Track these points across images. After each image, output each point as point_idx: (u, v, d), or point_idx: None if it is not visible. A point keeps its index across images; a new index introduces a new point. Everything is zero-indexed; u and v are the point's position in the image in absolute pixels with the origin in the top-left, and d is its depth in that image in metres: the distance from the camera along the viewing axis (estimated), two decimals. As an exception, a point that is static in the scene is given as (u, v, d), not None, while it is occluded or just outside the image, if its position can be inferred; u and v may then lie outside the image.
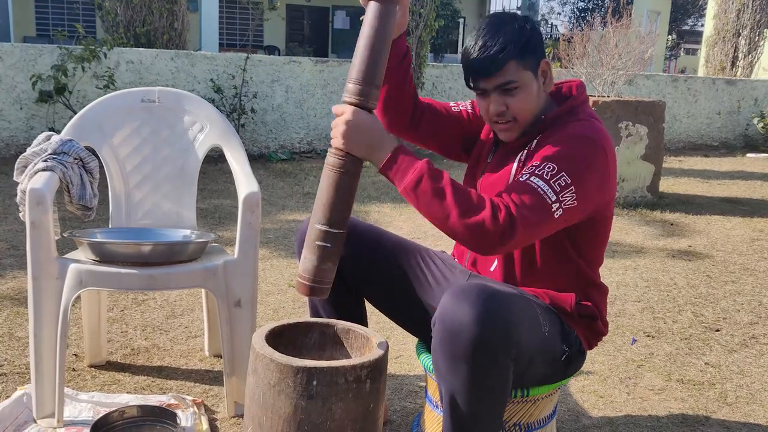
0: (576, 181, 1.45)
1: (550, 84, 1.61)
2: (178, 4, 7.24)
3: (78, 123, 2.24)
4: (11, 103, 6.25)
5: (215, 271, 2.00)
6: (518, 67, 1.53)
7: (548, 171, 1.44)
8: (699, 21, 23.22)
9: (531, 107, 1.58)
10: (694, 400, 2.33)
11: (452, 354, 1.35)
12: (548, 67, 1.59)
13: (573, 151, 1.48)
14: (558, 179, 1.43)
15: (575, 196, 1.44)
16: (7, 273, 3.23)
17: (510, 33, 1.52)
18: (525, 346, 1.42)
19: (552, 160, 1.46)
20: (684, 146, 9.85)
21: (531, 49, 1.54)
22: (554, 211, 1.42)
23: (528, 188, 1.42)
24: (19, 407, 2.02)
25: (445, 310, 1.36)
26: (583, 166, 1.47)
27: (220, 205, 4.88)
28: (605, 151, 1.52)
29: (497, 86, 1.55)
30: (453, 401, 1.40)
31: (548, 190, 1.42)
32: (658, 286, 3.55)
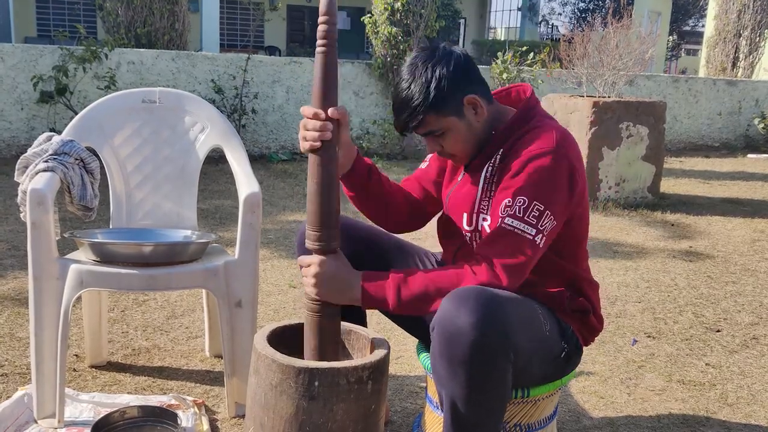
0: (549, 204, 1.49)
1: (483, 111, 1.59)
2: (179, 4, 7.24)
3: (79, 123, 2.24)
4: (12, 103, 6.25)
5: (216, 272, 2.00)
6: (437, 118, 1.57)
7: (520, 207, 1.48)
8: (700, 22, 23.22)
9: (465, 143, 1.61)
10: (695, 401, 2.33)
11: (451, 358, 1.35)
12: (476, 100, 1.58)
13: (535, 173, 1.50)
14: (531, 211, 1.47)
15: (552, 217, 1.49)
16: (8, 273, 3.23)
17: (420, 88, 1.53)
18: (524, 347, 1.42)
19: (519, 193, 1.49)
20: (685, 147, 9.85)
21: (445, 98, 1.54)
22: (538, 243, 1.48)
23: (507, 234, 1.47)
24: (20, 407, 2.02)
25: (443, 315, 1.36)
26: (549, 185, 1.50)
27: (220, 206, 4.88)
28: (566, 156, 1.53)
29: (425, 134, 1.61)
30: (454, 405, 1.40)
31: (526, 227, 1.47)
32: (659, 286, 3.55)
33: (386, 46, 7.50)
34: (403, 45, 7.43)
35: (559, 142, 1.53)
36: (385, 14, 7.44)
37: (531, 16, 20.69)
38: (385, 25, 7.46)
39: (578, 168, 1.55)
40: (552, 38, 22.04)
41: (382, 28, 7.47)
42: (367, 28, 7.70)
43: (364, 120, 7.69)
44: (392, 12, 7.41)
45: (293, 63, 7.34)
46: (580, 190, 1.58)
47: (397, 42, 7.44)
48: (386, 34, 7.44)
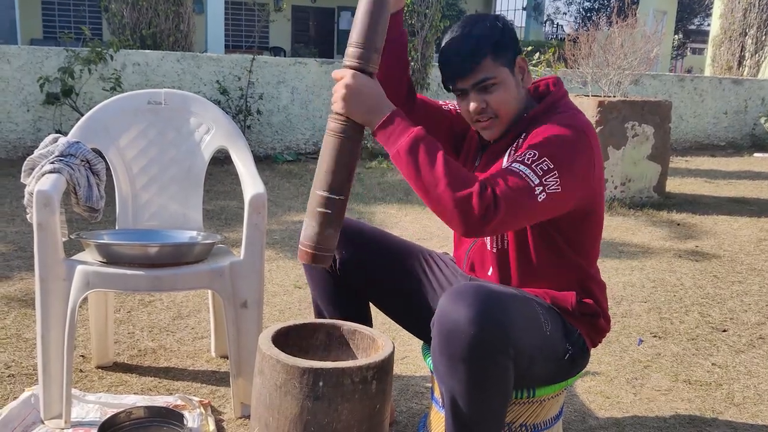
0: (559, 166, 1.44)
1: (528, 80, 1.62)
2: (184, 6, 7.27)
3: (85, 125, 2.25)
4: (18, 105, 6.28)
5: (221, 272, 2.00)
6: (494, 64, 1.55)
7: (530, 157, 1.45)
8: (705, 20, 23.14)
9: (511, 102, 1.59)
10: (702, 401, 2.32)
11: (450, 355, 1.35)
12: (525, 64, 1.60)
13: (555, 138, 1.48)
14: (540, 164, 1.43)
15: (559, 181, 1.43)
16: (14, 275, 3.24)
17: (482, 30, 1.54)
18: (525, 345, 1.42)
19: (534, 148, 1.46)
20: (691, 146, 9.82)
21: (504, 45, 1.55)
22: (537, 194, 1.41)
23: (510, 172, 1.42)
24: (27, 408, 2.03)
25: (442, 312, 1.37)
26: (566, 151, 1.47)
27: (226, 207, 4.89)
28: (589, 138, 1.52)
29: (475, 84, 1.56)
30: (454, 402, 1.40)
31: (530, 173, 1.42)
32: (665, 286, 3.54)
33: (391, 47, 7.49)
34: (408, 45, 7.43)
35: (586, 127, 1.53)
36: (390, 14, 7.43)
37: (536, 16, 20.66)
38: (389, 25, 7.45)
39: (596, 158, 1.54)
40: (557, 38, 22.00)
41: (387, 28, 7.47)
42: (372, 28, 7.69)
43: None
44: (397, 12, 7.40)
45: (298, 64, 7.34)
46: (595, 181, 1.55)
47: (401, 42, 7.43)
48: (391, 34, 7.43)
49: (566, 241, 1.59)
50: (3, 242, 3.75)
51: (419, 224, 4.62)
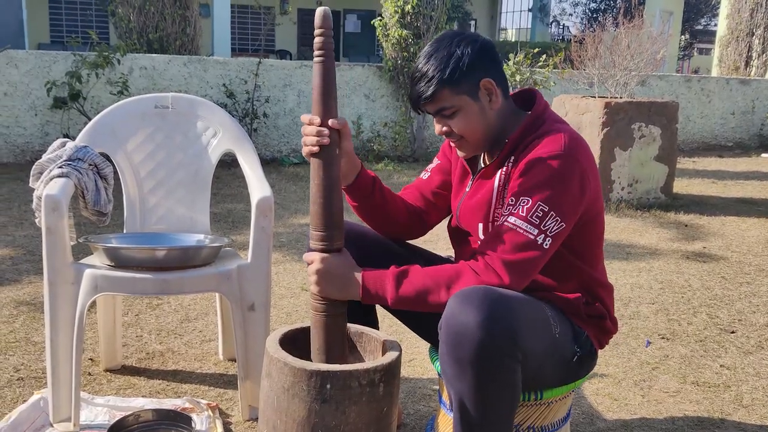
0: (555, 206, 1.47)
1: (498, 100, 1.60)
2: (191, 9, 7.29)
3: (92, 129, 2.26)
4: (26, 109, 6.31)
5: (229, 275, 2.01)
6: (451, 94, 1.56)
7: (523, 207, 1.48)
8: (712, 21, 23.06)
9: (475, 127, 1.60)
10: (710, 403, 2.32)
11: (458, 358, 1.35)
12: (492, 85, 1.58)
13: (541, 176, 1.50)
14: (535, 212, 1.47)
15: (558, 219, 1.48)
16: (23, 278, 3.26)
17: (440, 62, 1.55)
18: (533, 348, 1.42)
19: (524, 194, 1.49)
20: (698, 147, 9.79)
21: (461, 74, 1.54)
22: (541, 244, 1.46)
23: (507, 232, 1.47)
24: (36, 411, 2.04)
25: (450, 314, 1.37)
26: (556, 187, 1.49)
27: (233, 210, 4.90)
28: (576, 158, 1.52)
29: (436, 111, 1.60)
30: (462, 405, 1.40)
31: (528, 226, 1.46)
32: (673, 287, 3.53)
33: (397, 49, 7.51)
34: (413, 47, 7.44)
35: (568, 145, 1.52)
36: (396, 17, 7.45)
37: (542, 17, 20.62)
38: (395, 27, 7.47)
39: (588, 171, 1.54)
40: (563, 39, 21.96)
41: (393, 30, 7.48)
42: (378, 31, 7.72)
43: (374, 123, 7.71)
44: (402, 15, 7.42)
45: (304, 67, 7.36)
46: (592, 193, 1.57)
47: (407, 45, 7.45)
48: (397, 36, 7.45)
49: (568, 249, 1.59)
50: (12, 246, 3.77)
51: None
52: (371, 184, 1.73)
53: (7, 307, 2.90)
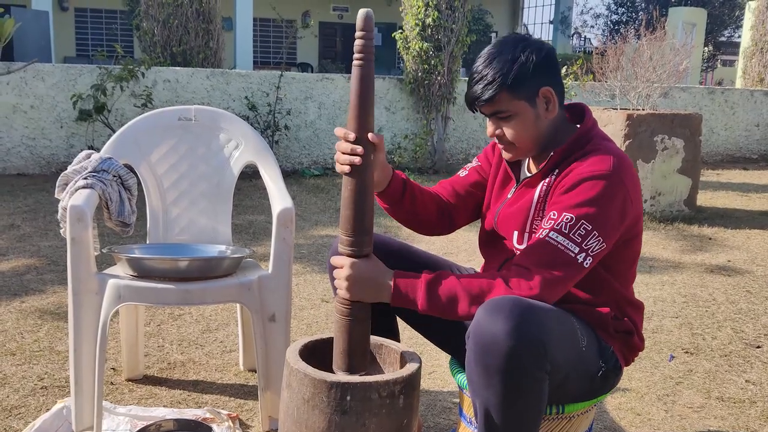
0: (597, 226, 1.47)
1: (554, 109, 1.60)
2: (214, 23, 7.37)
3: (117, 141, 2.30)
4: (52, 121, 6.41)
5: (250, 286, 2.02)
6: (510, 98, 1.56)
7: (566, 223, 1.47)
8: (736, 32, 22.85)
9: (528, 134, 1.60)
10: (735, 419, 2.28)
11: (486, 367, 1.35)
12: (551, 94, 1.59)
13: (587, 194, 1.49)
14: (577, 229, 1.46)
15: (601, 239, 1.48)
16: (47, 288, 3.30)
17: (501, 65, 1.54)
18: (560, 360, 1.41)
19: (568, 210, 1.49)
20: (722, 159, 9.68)
21: (524, 80, 1.54)
22: (581, 262, 1.46)
23: (547, 245, 1.47)
24: (59, 420, 2.06)
25: (478, 324, 1.36)
26: (600, 207, 1.48)
27: (254, 221, 4.93)
28: (621, 179, 1.52)
29: (491, 115, 1.60)
30: (487, 415, 1.39)
31: (569, 243, 1.46)
32: (697, 301, 3.49)
33: (417, 62, 7.53)
34: (434, 60, 7.46)
35: (615, 166, 1.52)
36: (416, 30, 7.47)
37: (563, 29, 20.58)
38: (416, 40, 7.49)
39: (632, 193, 1.54)
40: (585, 51, 21.88)
41: (413, 43, 7.51)
42: (399, 43, 7.74)
43: (395, 135, 7.72)
44: (423, 27, 7.44)
45: (325, 79, 7.40)
46: (635, 215, 1.57)
47: (428, 57, 7.47)
48: (417, 49, 7.47)
49: (604, 266, 1.59)
50: (37, 256, 3.82)
51: (445, 238, 4.61)
52: (401, 190, 1.74)
53: (32, 316, 2.93)
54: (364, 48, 1.42)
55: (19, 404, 2.18)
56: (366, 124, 1.46)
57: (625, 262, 1.64)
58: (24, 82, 6.26)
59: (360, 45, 1.43)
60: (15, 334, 2.73)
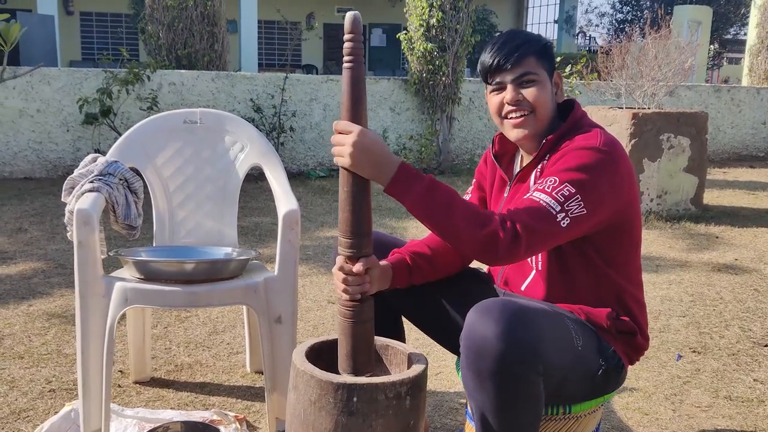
0: (580, 189, 1.47)
1: (561, 96, 1.68)
2: (219, 26, 7.39)
3: (123, 145, 2.30)
4: (58, 125, 6.44)
5: (256, 288, 2.02)
6: (537, 64, 1.61)
7: (550, 184, 1.48)
8: (742, 30, 22.77)
9: (546, 103, 1.63)
10: (743, 418, 2.27)
11: (478, 371, 1.35)
12: (560, 80, 1.67)
13: (574, 161, 1.51)
14: (560, 190, 1.46)
15: (582, 204, 1.46)
16: (55, 291, 3.31)
17: (529, 35, 1.66)
18: (555, 361, 1.41)
19: (553, 174, 1.50)
20: (728, 157, 9.65)
21: (549, 54, 1.64)
22: (560, 221, 1.44)
23: (530, 203, 1.46)
24: (67, 423, 2.07)
25: (470, 327, 1.37)
26: (586, 174, 1.49)
27: (260, 223, 4.94)
28: (610, 154, 1.53)
29: (515, 78, 1.61)
30: (483, 418, 1.39)
31: (551, 201, 1.45)
32: (704, 300, 3.48)
33: (422, 62, 7.53)
34: (438, 61, 7.45)
35: (603, 141, 1.54)
36: (421, 30, 7.47)
37: (568, 29, 20.55)
38: (420, 41, 7.49)
39: (623, 169, 1.55)
40: (589, 50, 21.84)
41: (418, 44, 7.51)
42: (403, 44, 7.75)
43: (400, 136, 7.72)
44: (428, 28, 7.44)
45: (330, 81, 7.41)
46: (627, 199, 1.57)
47: (432, 58, 7.47)
48: (422, 50, 7.47)
49: (602, 257, 1.59)
50: (44, 259, 3.84)
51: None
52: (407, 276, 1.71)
53: (40, 319, 2.94)
54: (353, 50, 1.44)
55: (28, 407, 2.19)
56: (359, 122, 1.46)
57: (623, 252, 1.63)
58: (30, 86, 6.28)
59: (349, 47, 1.44)
60: (23, 338, 2.74)
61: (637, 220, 1.64)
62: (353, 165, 1.41)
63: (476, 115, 8.13)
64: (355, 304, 1.49)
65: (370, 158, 1.42)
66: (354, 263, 1.47)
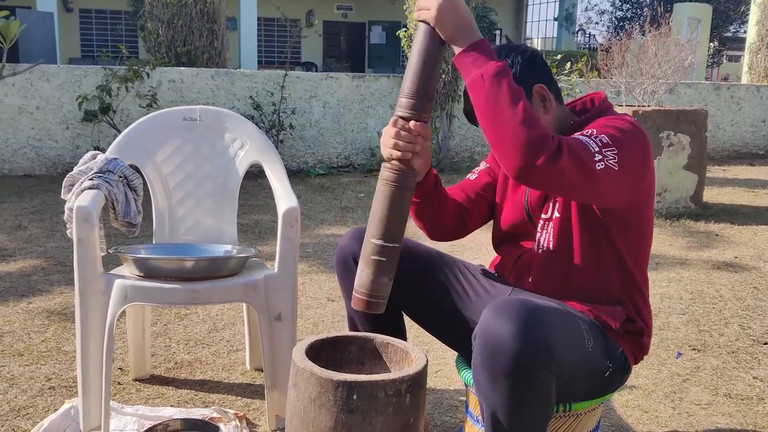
0: (618, 146, 1.47)
1: (551, 105, 1.62)
2: (218, 23, 7.39)
3: (122, 142, 2.30)
4: (58, 122, 6.43)
5: (256, 286, 2.02)
6: None
7: (589, 132, 1.49)
8: (741, 27, 22.77)
9: None
10: (743, 416, 2.27)
11: (492, 370, 1.34)
12: (545, 90, 1.61)
13: (612, 122, 1.52)
14: (599, 137, 1.47)
15: (617, 158, 1.46)
16: (54, 289, 3.31)
17: None
18: (567, 361, 1.41)
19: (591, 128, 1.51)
20: (728, 155, 9.65)
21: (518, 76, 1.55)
22: (597, 161, 1.43)
23: (574, 139, 1.46)
24: (67, 420, 2.07)
25: (485, 326, 1.36)
26: (622, 135, 1.50)
27: (260, 220, 4.94)
28: (643, 134, 1.55)
29: None
30: (494, 417, 1.39)
31: (590, 143, 1.45)
32: (703, 298, 3.48)
33: (422, 60, 7.51)
34: (438, 58, 7.44)
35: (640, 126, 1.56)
36: (421, 28, 7.46)
37: (567, 26, 20.55)
38: (420, 38, 7.47)
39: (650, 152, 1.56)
40: (589, 48, 21.83)
41: (418, 41, 7.49)
42: (403, 42, 7.73)
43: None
44: (427, 25, 7.42)
45: (330, 78, 7.41)
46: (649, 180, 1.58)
47: (432, 55, 7.45)
48: (422, 47, 7.45)
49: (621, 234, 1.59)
50: (43, 257, 3.84)
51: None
52: (434, 183, 1.72)
53: (39, 317, 2.94)
54: None
55: (27, 405, 2.19)
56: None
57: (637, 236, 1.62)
58: (29, 83, 6.28)
59: None
60: (22, 335, 2.74)
61: (651, 211, 1.65)
62: (437, 20, 1.41)
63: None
64: (401, 167, 1.47)
65: (456, 17, 1.41)
66: None
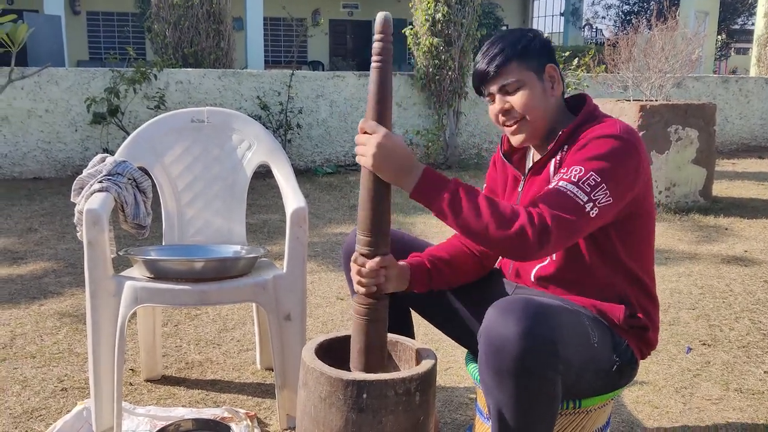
0: (607, 179, 1.46)
1: (559, 89, 1.64)
2: (224, 24, 7.40)
3: (131, 144, 2.31)
4: (67, 125, 6.46)
5: (265, 286, 2.03)
6: (519, 68, 1.59)
7: (575, 173, 1.47)
8: (749, 20, 22.61)
9: (537, 105, 1.61)
10: (754, 410, 2.27)
11: (498, 369, 1.34)
12: (556, 73, 1.63)
13: (597, 150, 1.50)
14: (586, 180, 1.46)
15: (608, 193, 1.46)
16: (65, 291, 3.34)
17: (509, 38, 1.61)
18: (573, 359, 1.41)
19: (579, 163, 1.49)
20: (737, 148, 9.60)
21: (532, 52, 1.60)
22: (588, 212, 1.44)
23: (558, 193, 1.45)
24: (80, 421, 2.08)
25: (489, 324, 1.36)
26: (610, 162, 1.49)
27: (268, 220, 4.95)
28: (631, 143, 1.53)
29: (500, 87, 1.61)
30: (501, 416, 1.39)
31: (578, 191, 1.44)
32: (713, 292, 3.47)
33: (428, 57, 7.52)
34: (444, 55, 7.44)
35: (624, 130, 1.55)
36: (426, 25, 7.46)
37: (574, 21, 20.46)
38: (426, 36, 7.48)
39: (642, 158, 1.55)
40: (596, 42, 21.73)
41: (424, 39, 7.49)
42: (409, 39, 7.73)
43: (407, 131, 7.72)
44: (433, 23, 7.42)
45: (336, 77, 7.41)
46: (643, 183, 1.57)
47: (438, 52, 7.45)
48: (428, 45, 7.45)
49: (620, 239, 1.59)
50: (54, 259, 3.86)
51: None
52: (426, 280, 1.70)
53: (51, 319, 2.96)
54: (382, 50, 1.43)
55: (40, 406, 2.21)
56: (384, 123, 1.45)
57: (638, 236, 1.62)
58: (38, 86, 6.31)
59: (379, 47, 1.43)
60: (34, 337, 2.77)
61: (652, 208, 1.64)
62: (375, 167, 1.42)
63: (483, 110, 8.11)
64: (369, 301, 1.50)
65: (393, 163, 1.42)
66: None
